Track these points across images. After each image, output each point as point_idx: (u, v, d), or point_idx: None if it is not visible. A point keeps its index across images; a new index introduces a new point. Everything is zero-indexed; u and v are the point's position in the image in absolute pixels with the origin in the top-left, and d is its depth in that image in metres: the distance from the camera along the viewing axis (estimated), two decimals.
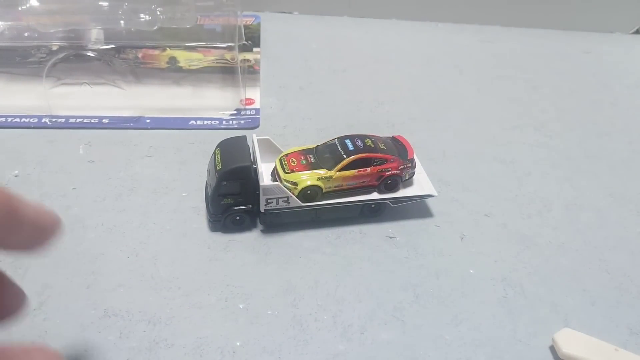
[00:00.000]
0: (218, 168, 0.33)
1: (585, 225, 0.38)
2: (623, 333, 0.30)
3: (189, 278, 0.31)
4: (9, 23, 0.45)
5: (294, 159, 0.35)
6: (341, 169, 0.34)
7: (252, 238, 0.34)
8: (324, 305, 0.30)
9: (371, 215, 0.36)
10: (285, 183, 0.33)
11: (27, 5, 0.45)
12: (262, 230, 0.35)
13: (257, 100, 0.49)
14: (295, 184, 0.33)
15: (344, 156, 0.34)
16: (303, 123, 0.47)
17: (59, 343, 0.26)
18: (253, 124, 0.46)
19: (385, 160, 0.35)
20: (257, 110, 0.48)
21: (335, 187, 0.34)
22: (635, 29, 0.68)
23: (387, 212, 0.36)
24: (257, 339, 0.28)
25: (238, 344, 0.28)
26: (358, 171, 0.34)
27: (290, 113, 0.48)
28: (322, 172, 0.34)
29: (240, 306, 0.30)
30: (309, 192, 0.34)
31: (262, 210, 0.33)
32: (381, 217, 0.36)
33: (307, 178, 0.33)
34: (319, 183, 0.34)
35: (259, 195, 0.33)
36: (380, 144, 0.36)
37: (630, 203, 0.40)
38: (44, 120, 0.44)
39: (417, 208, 0.37)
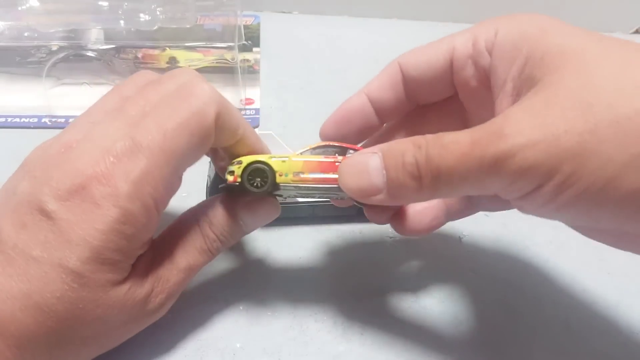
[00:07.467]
0: None
1: None
2: (623, 333, 0.30)
3: None
4: (9, 23, 0.45)
5: None
6: (303, 152, 0.26)
7: (252, 238, 0.34)
8: (324, 306, 0.30)
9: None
10: (229, 168, 0.26)
11: (27, 5, 0.45)
12: (261, 230, 0.35)
13: (257, 100, 0.49)
14: (239, 162, 0.26)
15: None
16: (303, 123, 0.47)
17: None
18: (253, 124, 0.46)
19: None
20: (257, 110, 0.48)
21: (294, 176, 0.25)
22: (635, 29, 0.68)
23: None
24: (257, 341, 0.28)
25: (238, 345, 0.28)
26: (326, 157, 0.26)
27: (290, 113, 0.48)
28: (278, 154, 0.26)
29: (240, 307, 0.30)
30: (255, 170, 0.25)
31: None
32: None
33: (256, 156, 0.26)
34: (270, 162, 0.25)
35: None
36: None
37: None
38: (43, 120, 0.44)
39: None
